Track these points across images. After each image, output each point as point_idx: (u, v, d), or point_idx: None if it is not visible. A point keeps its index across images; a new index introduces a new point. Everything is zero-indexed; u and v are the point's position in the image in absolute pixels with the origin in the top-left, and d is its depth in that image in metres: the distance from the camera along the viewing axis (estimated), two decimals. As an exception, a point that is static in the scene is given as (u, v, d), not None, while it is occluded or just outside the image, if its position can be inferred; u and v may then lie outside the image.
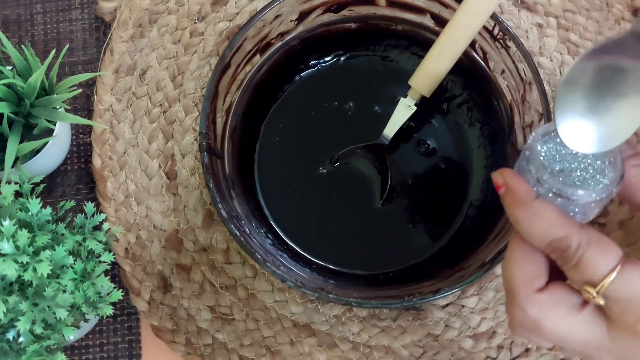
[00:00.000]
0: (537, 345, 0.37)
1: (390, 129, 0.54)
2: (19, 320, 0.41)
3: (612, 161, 0.36)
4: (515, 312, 0.36)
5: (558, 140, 0.36)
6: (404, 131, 0.54)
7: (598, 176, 0.36)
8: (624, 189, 0.36)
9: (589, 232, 0.34)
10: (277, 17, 0.53)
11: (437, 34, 0.52)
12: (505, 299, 0.37)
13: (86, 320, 0.47)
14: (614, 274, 0.33)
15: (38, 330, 0.41)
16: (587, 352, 0.35)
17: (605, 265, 0.33)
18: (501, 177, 0.37)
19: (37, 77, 0.50)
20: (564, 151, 0.36)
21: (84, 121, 0.53)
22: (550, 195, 0.35)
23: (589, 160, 0.36)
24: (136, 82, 0.59)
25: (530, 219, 0.35)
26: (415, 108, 0.53)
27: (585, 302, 0.35)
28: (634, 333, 0.34)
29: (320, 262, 0.54)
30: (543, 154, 0.36)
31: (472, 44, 0.53)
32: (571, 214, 0.36)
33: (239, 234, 0.47)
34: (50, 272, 0.41)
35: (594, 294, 0.34)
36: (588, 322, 0.35)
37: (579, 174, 0.36)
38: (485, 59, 0.54)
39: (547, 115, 0.49)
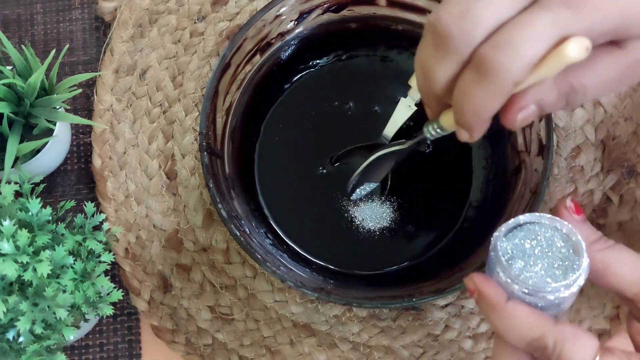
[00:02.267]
0: None
1: (390, 129, 0.54)
2: (19, 320, 0.41)
3: (575, 250, 0.36)
4: None
5: (518, 239, 0.37)
6: (404, 131, 0.54)
7: (565, 266, 0.36)
8: (593, 274, 0.37)
9: (564, 329, 0.35)
10: (277, 17, 0.53)
11: (437, 34, 0.52)
12: None
13: (86, 320, 0.47)
14: None
15: (38, 330, 0.41)
16: None
17: (583, 358, 0.34)
18: (472, 283, 0.38)
19: (37, 77, 0.50)
20: (526, 247, 0.37)
21: (84, 121, 0.53)
22: (522, 292, 0.36)
23: (552, 254, 0.37)
24: (136, 82, 0.59)
25: (505, 322, 0.36)
26: (415, 108, 0.53)
27: None
28: None
29: (320, 262, 0.54)
30: (508, 253, 0.37)
31: (472, 44, 0.53)
32: (545, 308, 0.36)
33: (239, 234, 0.47)
34: (50, 272, 0.41)
35: None
36: None
37: (545, 268, 0.36)
38: (485, 59, 0.54)
39: (547, 116, 0.48)
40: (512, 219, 0.38)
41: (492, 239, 0.38)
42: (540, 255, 0.36)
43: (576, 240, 0.36)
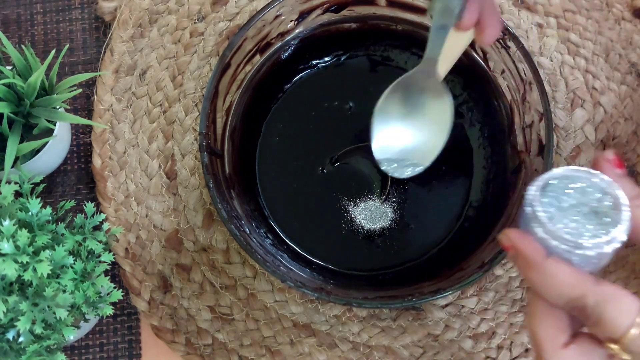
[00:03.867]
0: None
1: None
2: (19, 320, 0.41)
3: (615, 204, 0.34)
4: None
5: (553, 193, 0.35)
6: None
7: (604, 222, 0.34)
8: (632, 231, 0.35)
9: (605, 289, 0.34)
10: (277, 17, 0.53)
11: (437, 34, 0.52)
12: (534, 355, 0.36)
13: (86, 320, 0.47)
14: (633, 329, 0.32)
15: (38, 330, 0.41)
16: None
17: (624, 321, 0.33)
18: (508, 240, 0.36)
19: (37, 77, 0.50)
20: (563, 202, 0.35)
21: (84, 121, 0.53)
22: (561, 249, 0.34)
23: (590, 209, 0.35)
24: (136, 82, 0.59)
25: (544, 280, 0.34)
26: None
27: (612, 356, 0.34)
28: None
29: (320, 262, 0.54)
30: (543, 210, 0.35)
31: (472, 44, 0.53)
32: (582, 265, 0.34)
33: (239, 234, 0.47)
34: (50, 272, 0.41)
35: (618, 351, 0.33)
36: None
37: (584, 223, 0.34)
38: (485, 59, 0.54)
39: (547, 116, 0.48)
40: (547, 173, 0.35)
41: (526, 193, 0.35)
42: (578, 211, 0.34)
43: (616, 194, 0.34)
